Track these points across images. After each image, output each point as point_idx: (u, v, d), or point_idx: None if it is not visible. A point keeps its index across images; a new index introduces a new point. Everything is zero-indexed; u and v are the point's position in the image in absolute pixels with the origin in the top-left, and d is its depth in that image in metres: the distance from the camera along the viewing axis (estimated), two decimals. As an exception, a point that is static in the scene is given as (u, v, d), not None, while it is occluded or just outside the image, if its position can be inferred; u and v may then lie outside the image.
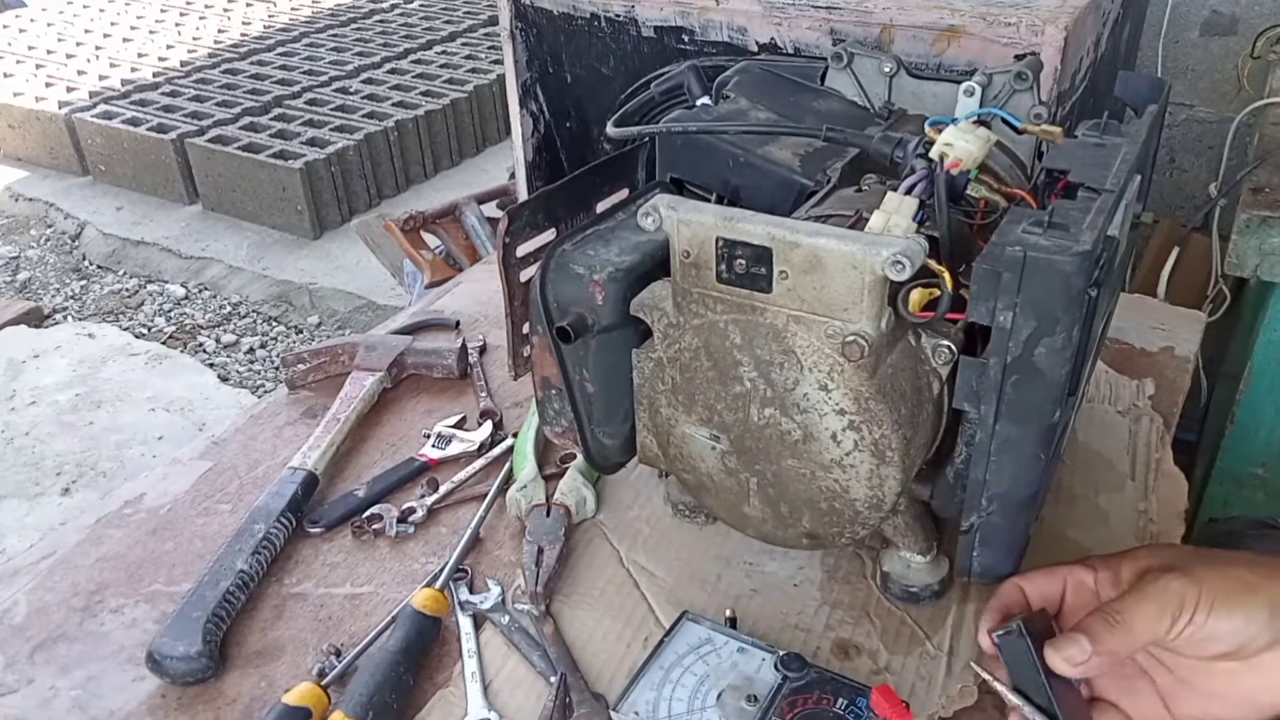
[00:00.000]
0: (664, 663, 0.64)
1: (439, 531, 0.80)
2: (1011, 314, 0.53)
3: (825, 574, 0.74)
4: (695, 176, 0.75)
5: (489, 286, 1.11)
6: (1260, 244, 1.17)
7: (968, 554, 0.64)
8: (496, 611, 0.72)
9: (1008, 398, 0.56)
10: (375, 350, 0.98)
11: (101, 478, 2.16)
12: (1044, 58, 0.84)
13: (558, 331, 0.63)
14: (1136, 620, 0.53)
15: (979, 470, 0.59)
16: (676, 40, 1.14)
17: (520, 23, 1.24)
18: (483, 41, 4.10)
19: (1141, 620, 0.53)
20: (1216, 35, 1.98)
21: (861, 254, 0.54)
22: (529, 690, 0.66)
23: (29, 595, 0.75)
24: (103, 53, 4.06)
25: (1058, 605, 0.60)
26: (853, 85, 0.81)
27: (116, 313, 2.91)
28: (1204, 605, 0.52)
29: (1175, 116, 2.07)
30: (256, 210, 3.16)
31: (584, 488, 0.81)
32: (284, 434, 0.92)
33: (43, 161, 3.61)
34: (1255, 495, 1.37)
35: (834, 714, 0.60)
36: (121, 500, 0.85)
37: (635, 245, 0.65)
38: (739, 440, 0.63)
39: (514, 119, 1.31)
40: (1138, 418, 0.89)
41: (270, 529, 0.76)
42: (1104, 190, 0.57)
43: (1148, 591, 0.54)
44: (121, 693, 0.67)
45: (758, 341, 0.59)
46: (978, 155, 0.63)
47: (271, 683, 0.68)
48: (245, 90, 3.60)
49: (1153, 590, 0.53)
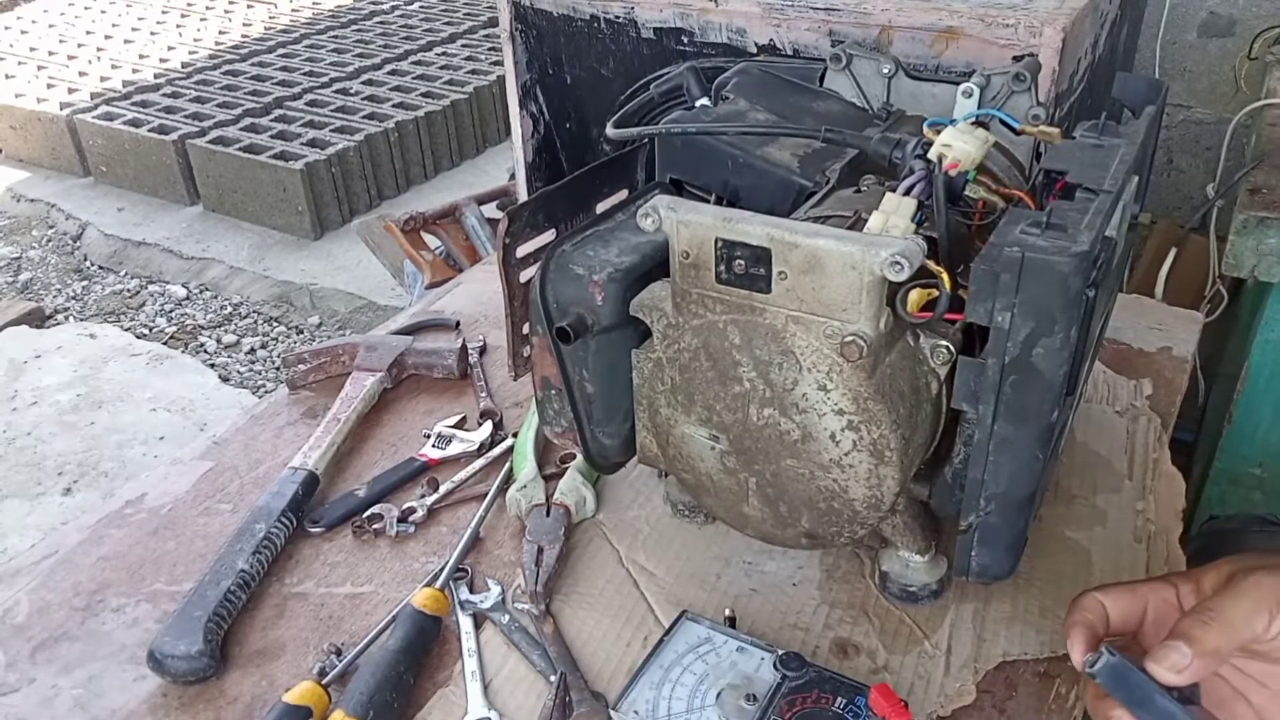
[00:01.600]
0: (663, 662, 0.65)
1: (439, 531, 0.81)
2: (1010, 314, 0.53)
3: (824, 573, 0.75)
4: (694, 177, 0.75)
5: (489, 287, 1.11)
6: (1257, 244, 1.17)
7: (966, 553, 0.64)
8: (496, 611, 0.72)
9: (1006, 398, 0.56)
10: (376, 350, 0.99)
11: (103, 478, 2.17)
12: (1042, 59, 0.84)
13: (557, 332, 0.63)
14: (1234, 616, 0.51)
15: (977, 470, 0.60)
16: (676, 42, 1.14)
17: (520, 24, 1.25)
18: (483, 43, 4.10)
19: (1239, 615, 0.51)
20: (1214, 36, 1.98)
21: (860, 254, 0.54)
22: (529, 689, 0.66)
23: (31, 595, 0.75)
24: (104, 54, 4.06)
25: (1138, 624, 0.57)
26: (851, 86, 0.81)
27: (118, 313, 2.92)
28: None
29: (1173, 117, 2.07)
30: (257, 211, 3.16)
31: (584, 487, 0.81)
32: (285, 434, 0.92)
33: (44, 162, 3.62)
34: (1253, 495, 1.38)
35: (833, 713, 0.60)
36: (123, 500, 0.85)
37: (635, 246, 0.65)
38: (738, 440, 0.63)
39: (514, 120, 1.31)
40: (1135, 418, 0.90)
41: (271, 529, 0.77)
42: (1102, 191, 0.58)
43: (1241, 588, 0.52)
44: (123, 692, 0.68)
45: (757, 342, 0.59)
46: (976, 156, 0.63)
47: (272, 682, 0.68)
48: (246, 91, 3.61)
49: (1245, 586, 0.52)
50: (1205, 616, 0.51)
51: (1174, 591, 0.56)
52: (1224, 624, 0.51)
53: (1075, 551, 0.76)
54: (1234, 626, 0.51)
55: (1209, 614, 0.51)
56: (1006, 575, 0.64)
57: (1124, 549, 0.76)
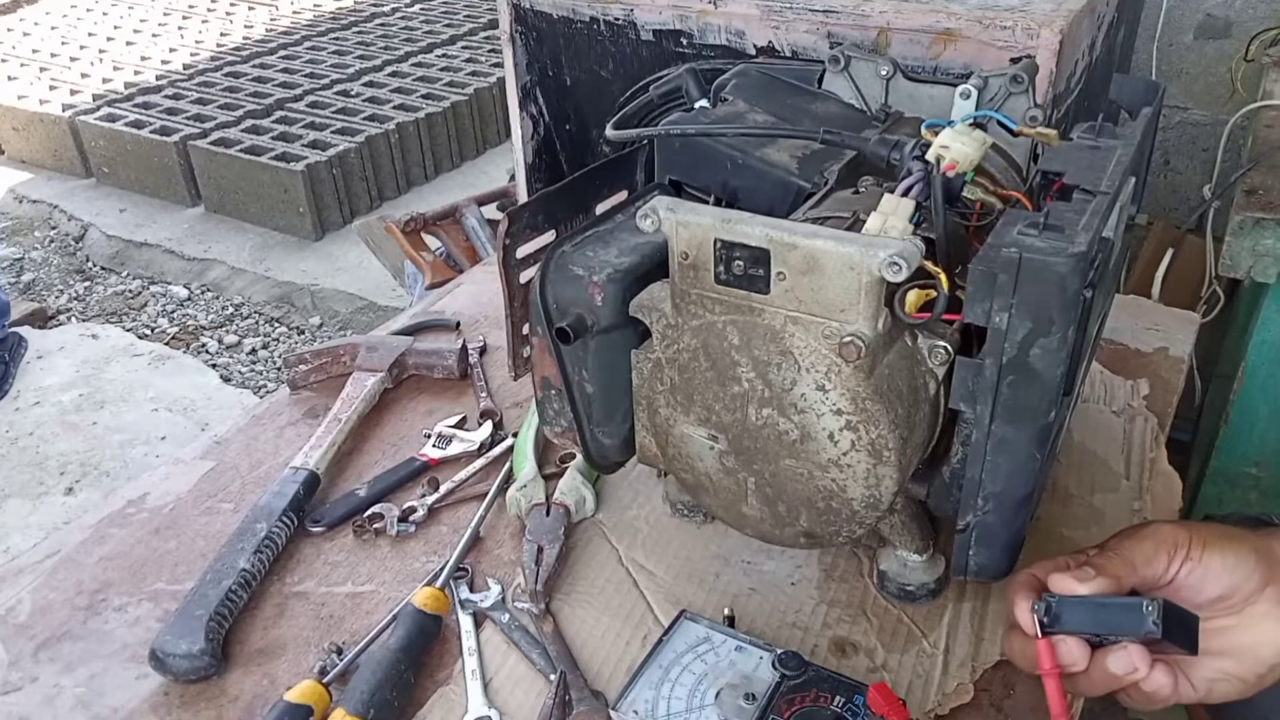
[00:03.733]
0: (663, 661, 0.65)
1: (439, 530, 0.81)
2: (1007, 315, 0.54)
3: (823, 573, 0.75)
4: (694, 178, 0.76)
5: (489, 288, 1.12)
6: (1254, 245, 1.18)
7: (964, 553, 0.64)
8: (497, 610, 0.72)
9: (1003, 398, 0.56)
10: (376, 351, 0.99)
11: (105, 477, 2.17)
12: (1039, 61, 0.84)
13: (557, 332, 0.63)
14: (1136, 556, 0.57)
15: (975, 470, 0.60)
16: (675, 43, 1.15)
17: (520, 26, 1.25)
18: (483, 45, 4.11)
19: (1140, 555, 0.57)
20: (1210, 38, 1.99)
21: (858, 255, 0.54)
22: (529, 688, 0.67)
23: (33, 594, 0.76)
24: (106, 56, 4.07)
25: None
26: (850, 88, 0.82)
27: (120, 314, 2.92)
28: (1196, 544, 0.56)
29: (1170, 119, 2.07)
30: (259, 212, 3.17)
31: (583, 487, 0.81)
32: (286, 434, 0.92)
33: (47, 164, 3.62)
34: (1249, 494, 1.38)
35: (831, 712, 0.60)
36: (124, 500, 0.85)
37: (634, 247, 0.66)
38: (737, 440, 0.63)
39: (514, 121, 1.31)
40: (1132, 418, 0.90)
41: (272, 528, 0.77)
42: (1099, 192, 0.58)
43: (1143, 533, 0.58)
44: (125, 690, 0.68)
45: (755, 342, 0.59)
46: (974, 157, 0.63)
47: (274, 680, 0.68)
48: (247, 93, 3.61)
49: (1147, 532, 0.58)
50: (1109, 553, 0.58)
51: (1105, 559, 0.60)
52: (1125, 560, 0.57)
53: (1073, 551, 0.76)
54: (1134, 564, 0.57)
55: (1115, 550, 0.58)
56: (1004, 575, 0.64)
57: (1121, 548, 0.76)
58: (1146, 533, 0.58)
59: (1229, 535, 0.58)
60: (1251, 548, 0.57)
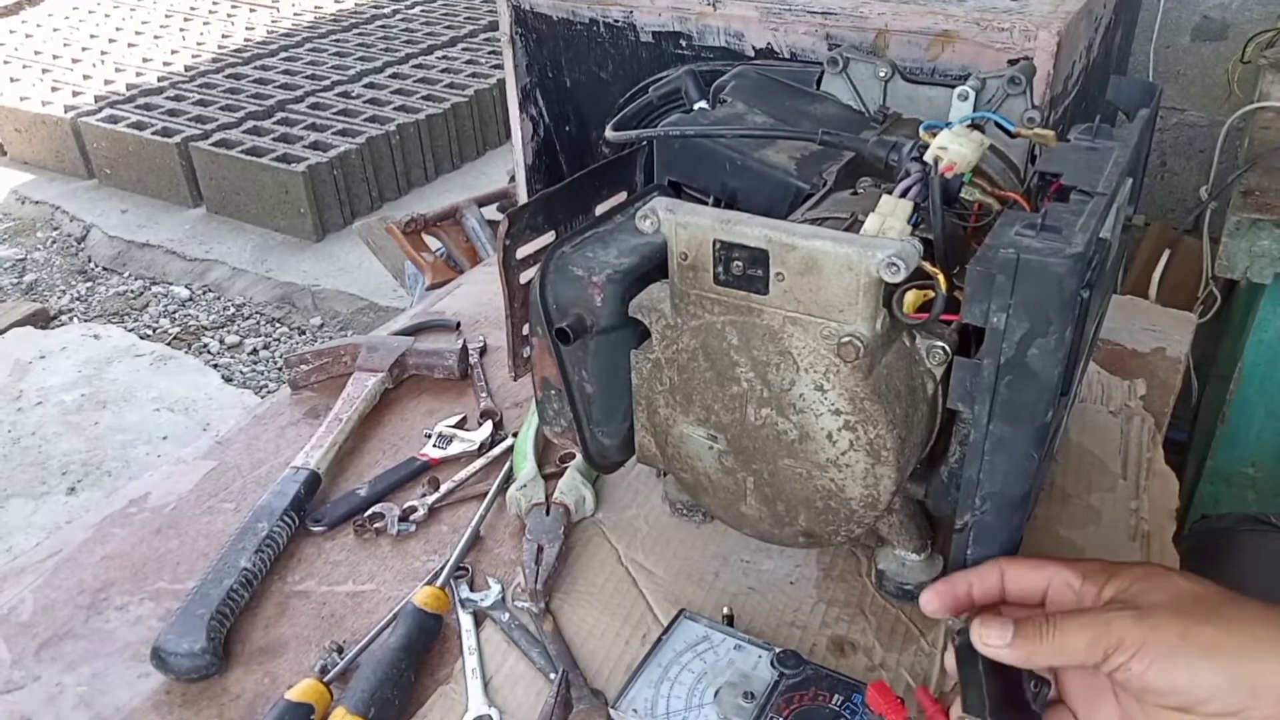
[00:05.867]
0: (662, 660, 0.65)
1: (440, 530, 0.81)
2: (1005, 315, 0.54)
3: (821, 572, 0.75)
4: (693, 179, 0.76)
5: (489, 288, 1.12)
6: (1250, 246, 1.18)
7: (962, 552, 0.64)
8: (497, 609, 0.73)
9: (1001, 398, 0.56)
10: (377, 351, 0.99)
11: (107, 477, 2.18)
12: (1037, 62, 0.85)
13: (557, 333, 0.64)
14: (1068, 642, 0.51)
15: (973, 469, 0.60)
16: (674, 45, 1.15)
17: (520, 28, 1.25)
18: (483, 46, 4.12)
19: (1073, 645, 0.51)
20: (1207, 40, 1.99)
21: (857, 256, 0.54)
22: (529, 687, 0.67)
23: (35, 593, 0.76)
24: (108, 58, 4.07)
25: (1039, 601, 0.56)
26: (848, 89, 0.82)
27: (122, 314, 2.92)
28: (1142, 656, 0.49)
29: (1166, 120, 2.07)
30: (260, 213, 3.17)
31: (583, 487, 0.81)
32: (287, 434, 0.93)
33: (49, 165, 3.63)
34: (1245, 494, 1.38)
35: (830, 710, 0.61)
36: (126, 499, 0.85)
37: (634, 247, 0.66)
38: (736, 440, 0.64)
39: (514, 123, 1.32)
40: (1129, 418, 0.90)
41: (273, 527, 0.77)
42: (1096, 193, 0.58)
43: (1091, 621, 0.51)
44: (127, 689, 0.68)
45: (754, 342, 0.60)
46: (972, 159, 0.63)
47: (275, 679, 0.68)
48: (249, 94, 3.62)
49: (1096, 622, 0.51)
50: (1048, 629, 0.52)
51: (1079, 582, 0.55)
52: (1056, 645, 0.51)
53: (1070, 550, 0.76)
54: (1064, 651, 0.51)
55: (1052, 630, 0.52)
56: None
57: (1118, 547, 0.76)
58: (1095, 623, 0.51)
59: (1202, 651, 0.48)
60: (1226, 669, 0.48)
